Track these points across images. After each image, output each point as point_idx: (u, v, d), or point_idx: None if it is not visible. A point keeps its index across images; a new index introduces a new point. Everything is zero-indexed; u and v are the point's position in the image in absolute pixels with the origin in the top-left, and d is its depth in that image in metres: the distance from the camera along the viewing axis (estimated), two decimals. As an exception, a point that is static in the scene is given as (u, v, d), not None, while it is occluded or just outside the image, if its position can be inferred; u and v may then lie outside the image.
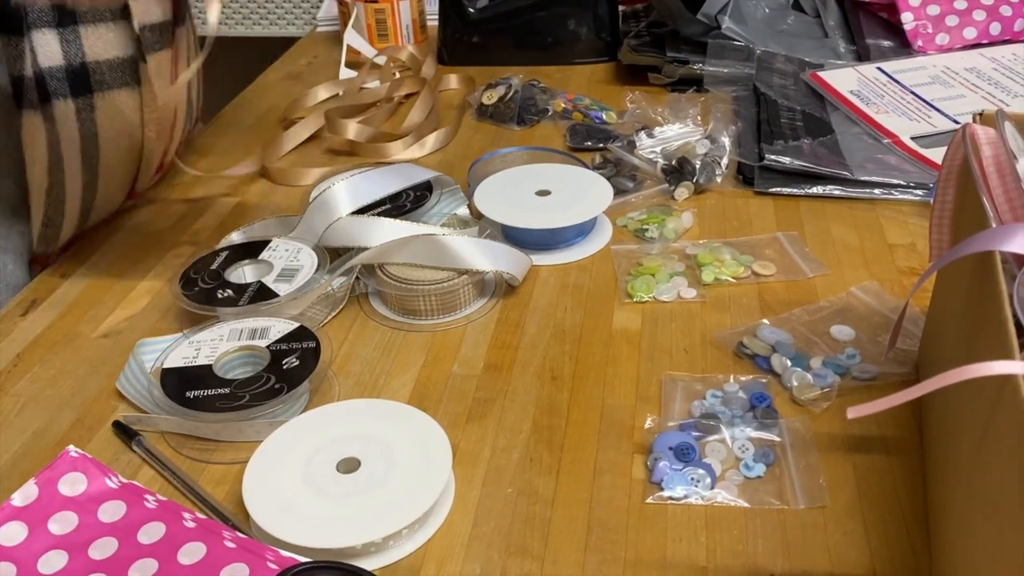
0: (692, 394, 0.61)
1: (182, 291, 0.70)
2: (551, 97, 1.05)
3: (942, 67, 1.05)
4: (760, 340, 0.65)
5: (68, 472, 0.50)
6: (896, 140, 0.90)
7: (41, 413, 0.63)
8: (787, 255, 0.75)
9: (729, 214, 0.82)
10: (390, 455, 0.55)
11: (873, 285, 0.71)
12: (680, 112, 0.95)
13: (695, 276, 0.73)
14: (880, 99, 0.99)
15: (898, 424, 0.58)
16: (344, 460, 0.55)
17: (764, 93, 0.99)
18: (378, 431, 0.56)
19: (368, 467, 0.54)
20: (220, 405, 0.59)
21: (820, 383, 0.60)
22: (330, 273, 0.72)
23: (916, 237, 0.77)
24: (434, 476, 0.53)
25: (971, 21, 1.10)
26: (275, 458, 0.55)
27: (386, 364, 0.66)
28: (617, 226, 0.81)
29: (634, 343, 0.66)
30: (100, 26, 0.72)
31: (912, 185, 0.83)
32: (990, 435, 0.39)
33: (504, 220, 0.77)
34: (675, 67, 1.07)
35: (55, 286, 0.77)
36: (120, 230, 0.85)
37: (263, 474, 0.54)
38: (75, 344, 0.70)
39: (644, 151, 0.90)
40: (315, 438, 0.56)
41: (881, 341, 0.65)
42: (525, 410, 0.61)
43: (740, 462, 0.55)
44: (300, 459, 0.55)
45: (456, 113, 1.06)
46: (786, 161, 0.85)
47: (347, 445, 0.55)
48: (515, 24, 1.17)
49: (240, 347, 0.64)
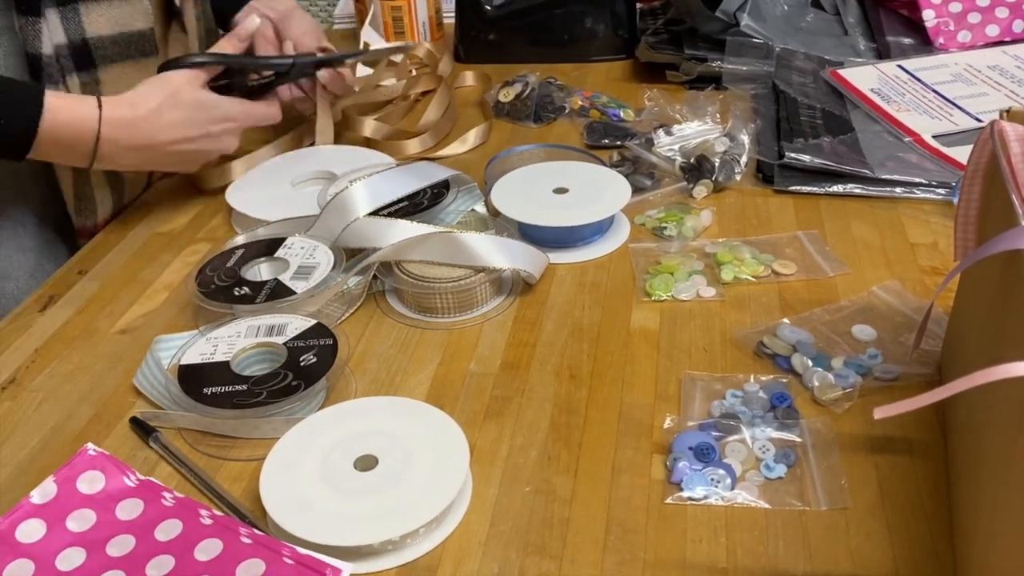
0: (712, 394, 0.60)
1: (198, 288, 0.70)
2: (568, 95, 1.04)
3: (964, 65, 1.04)
4: (781, 340, 0.64)
5: (87, 470, 0.50)
6: (917, 138, 0.89)
7: (59, 409, 0.63)
8: (807, 254, 0.75)
9: (748, 212, 0.82)
10: (407, 453, 0.54)
11: (895, 284, 0.70)
12: (699, 110, 0.94)
13: (714, 275, 0.73)
14: (901, 97, 0.98)
15: (921, 425, 0.57)
16: (362, 457, 0.54)
17: (783, 91, 0.98)
18: (395, 428, 0.56)
19: (385, 465, 0.54)
20: (237, 402, 0.59)
21: (842, 383, 0.60)
22: (347, 271, 0.71)
23: (938, 236, 0.76)
24: (451, 474, 0.53)
25: (994, 18, 1.08)
26: (292, 455, 0.55)
27: (403, 362, 0.66)
28: (635, 224, 0.81)
29: (652, 342, 0.66)
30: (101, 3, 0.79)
31: (934, 184, 0.82)
32: (1021, 439, 0.38)
33: (521, 218, 0.77)
34: (693, 64, 1.06)
35: (73, 282, 0.77)
36: (136, 227, 0.85)
37: (280, 471, 0.54)
38: (93, 340, 0.70)
39: (662, 149, 0.89)
40: (332, 435, 0.56)
41: (903, 341, 0.64)
42: (543, 408, 0.60)
43: (761, 463, 0.55)
44: (317, 456, 0.54)
45: (479, 110, 1.05)
46: (806, 159, 0.84)
47: (364, 442, 0.55)
48: (532, 21, 1.17)
49: (257, 344, 0.64)
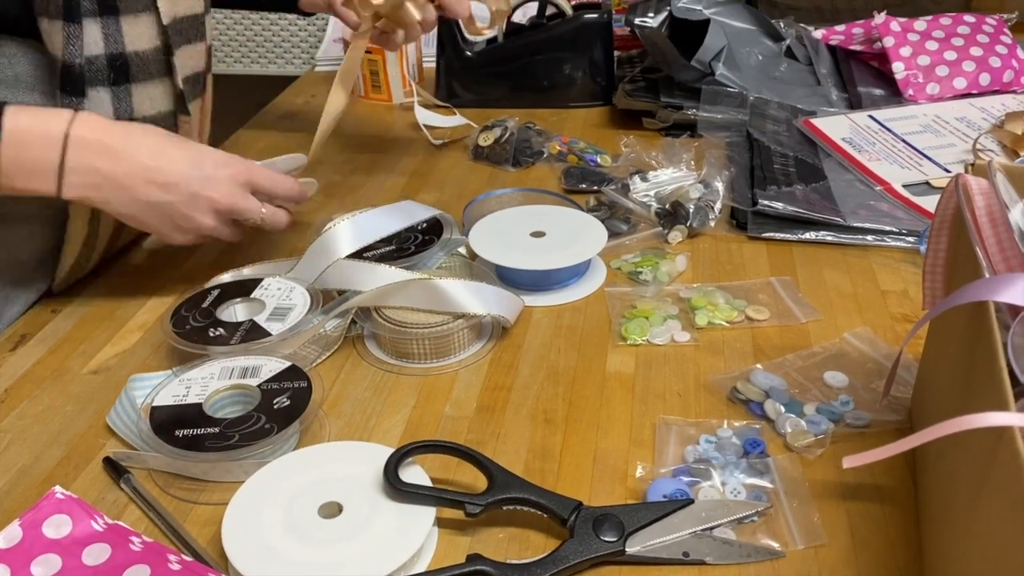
0: (686, 439, 0.61)
1: (173, 328, 0.69)
2: (546, 139, 1.06)
3: (933, 116, 1.07)
4: (754, 385, 0.65)
5: (53, 514, 0.50)
6: (888, 187, 0.91)
7: (27, 450, 0.62)
8: (781, 300, 0.76)
9: (723, 258, 0.83)
10: (372, 499, 0.54)
11: (866, 331, 0.71)
12: (674, 156, 0.95)
13: (689, 319, 0.73)
14: (872, 146, 1.00)
15: (892, 472, 0.57)
16: (326, 504, 0.54)
17: (757, 139, 1.00)
18: (360, 474, 0.56)
19: (350, 512, 0.53)
20: (209, 444, 0.58)
21: (814, 430, 0.60)
22: (325, 313, 0.71)
23: (908, 284, 0.77)
24: (417, 522, 0.52)
25: (961, 72, 1.12)
26: (256, 501, 0.54)
27: (377, 405, 0.65)
28: (611, 268, 0.81)
29: (627, 386, 0.66)
30: (148, 84, 0.74)
31: (904, 232, 0.84)
32: (987, 487, 0.38)
33: (499, 261, 0.77)
34: (669, 112, 1.08)
35: (46, 320, 0.76)
36: (113, 266, 0.85)
37: (243, 517, 0.53)
38: (64, 380, 0.69)
39: (638, 194, 0.90)
40: (296, 481, 0.55)
41: (875, 388, 0.64)
42: (518, 453, 0.60)
43: (734, 509, 0.55)
44: (281, 503, 0.54)
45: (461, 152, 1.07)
46: (779, 206, 0.86)
47: (329, 489, 0.55)
48: (512, 67, 1.18)
49: (231, 385, 0.64)
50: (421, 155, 1.07)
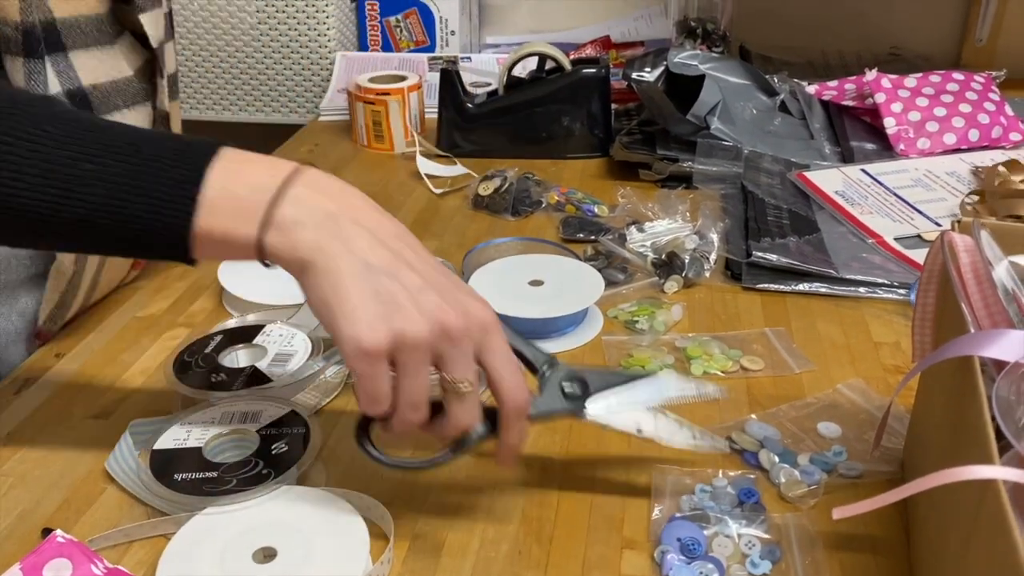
0: (681, 488, 0.61)
1: (176, 374, 0.70)
2: (545, 190, 1.08)
3: (924, 170, 1.09)
4: (748, 435, 0.66)
5: (54, 557, 0.50)
6: (880, 240, 0.93)
7: (28, 494, 0.63)
8: (775, 350, 0.77)
9: (718, 308, 0.84)
10: (307, 544, 0.55)
11: (859, 383, 0.72)
12: (670, 208, 0.97)
13: (684, 369, 0.74)
14: (864, 200, 1.02)
15: (884, 523, 0.58)
16: (261, 549, 0.55)
17: (751, 191, 1.02)
18: (294, 519, 0.57)
19: (284, 556, 0.54)
20: (207, 489, 0.59)
21: (807, 480, 0.61)
22: (325, 360, 0.72)
23: (900, 335, 0.79)
24: (351, 567, 0.53)
25: (950, 127, 1.14)
26: (191, 547, 0.55)
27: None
28: (608, 317, 0.83)
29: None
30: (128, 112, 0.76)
31: (896, 284, 0.85)
32: (974, 538, 0.39)
33: (498, 309, 0.78)
34: (665, 164, 1.10)
35: (49, 365, 0.77)
36: (116, 311, 0.86)
37: (177, 565, 0.54)
38: (66, 424, 0.70)
39: (634, 244, 0.92)
40: (232, 528, 0.56)
41: (867, 439, 0.65)
42: (514, 501, 0.61)
43: (747, 559, 0.55)
44: (216, 549, 0.55)
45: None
46: (773, 258, 0.87)
47: (264, 534, 0.56)
48: (512, 119, 1.21)
49: (231, 430, 0.64)
50: (422, 203, 1.09)
